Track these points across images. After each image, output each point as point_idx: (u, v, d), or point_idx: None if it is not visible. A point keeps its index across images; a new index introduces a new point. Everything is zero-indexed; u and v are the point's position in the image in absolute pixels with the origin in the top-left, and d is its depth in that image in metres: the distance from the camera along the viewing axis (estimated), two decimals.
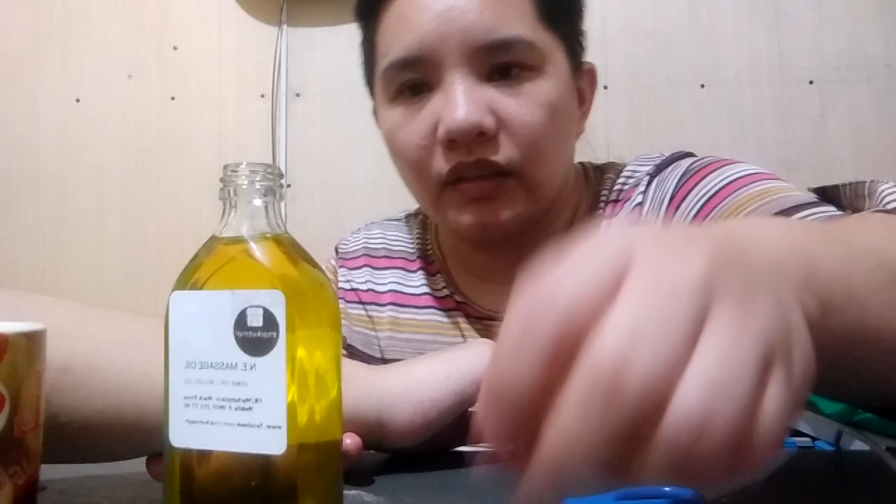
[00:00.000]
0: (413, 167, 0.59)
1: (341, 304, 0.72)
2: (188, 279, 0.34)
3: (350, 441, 0.39)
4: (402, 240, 0.74)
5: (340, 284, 0.73)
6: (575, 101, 0.62)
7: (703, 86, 1.62)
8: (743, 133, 1.60)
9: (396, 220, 0.77)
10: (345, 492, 0.34)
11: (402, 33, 0.57)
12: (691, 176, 0.59)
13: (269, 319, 0.32)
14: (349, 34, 1.93)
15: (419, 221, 0.75)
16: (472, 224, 0.57)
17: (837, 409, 1.17)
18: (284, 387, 0.32)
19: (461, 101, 0.54)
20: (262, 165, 0.35)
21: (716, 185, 0.56)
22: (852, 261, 0.32)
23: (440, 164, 0.57)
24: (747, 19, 1.62)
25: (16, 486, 0.29)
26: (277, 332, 0.32)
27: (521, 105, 0.56)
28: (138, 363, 0.37)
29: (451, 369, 0.42)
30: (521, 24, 0.56)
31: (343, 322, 0.70)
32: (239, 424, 0.32)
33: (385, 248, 0.74)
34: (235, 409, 0.32)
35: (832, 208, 0.49)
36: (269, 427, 0.32)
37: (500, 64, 0.56)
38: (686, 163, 0.61)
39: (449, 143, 0.55)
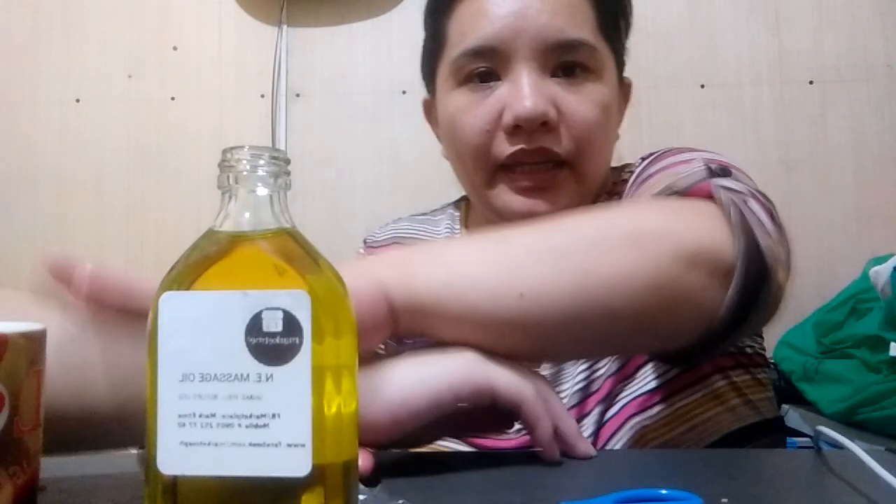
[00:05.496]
0: (473, 149, 0.63)
1: None
2: (182, 278, 0.30)
3: (364, 461, 0.38)
4: (431, 232, 0.77)
5: None
6: (618, 108, 0.67)
7: (703, 86, 1.62)
8: (743, 133, 1.60)
9: (423, 215, 0.80)
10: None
11: (478, 24, 0.62)
12: (649, 162, 0.63)
13: (291, 323, 0.28)
14: (349, 34, 1.93)
15: (448, 215, 0.78)
16: (521, 211, 0.61)
17: (838, 409, 1.17)
18: (309, 398, 0.28)
19: (528, 91, 0.59)
20: (267, 149, 0.32)
21: (653, 169, 0.60)
22: (460, 245, 0.49)
23: (501, 148, 0.61)
24: (747, 19, 1.62)
25: (16, 486, 0.29)
26: (301, 337, 0.28)
27: (581, 102, 0.61)
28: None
29: (426, 373, 0.42)
30: (586, 29, 0.62)
31: None
32: (251, 445, 0.28)
33: (415, 239, 0.77)
34: (246, 427, 0.28)
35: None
36: (289, 446, 0.28)
37: (564, 62, 0.61)
38: (657, 154, 0.65)
39: (514, 129, 0.60)
